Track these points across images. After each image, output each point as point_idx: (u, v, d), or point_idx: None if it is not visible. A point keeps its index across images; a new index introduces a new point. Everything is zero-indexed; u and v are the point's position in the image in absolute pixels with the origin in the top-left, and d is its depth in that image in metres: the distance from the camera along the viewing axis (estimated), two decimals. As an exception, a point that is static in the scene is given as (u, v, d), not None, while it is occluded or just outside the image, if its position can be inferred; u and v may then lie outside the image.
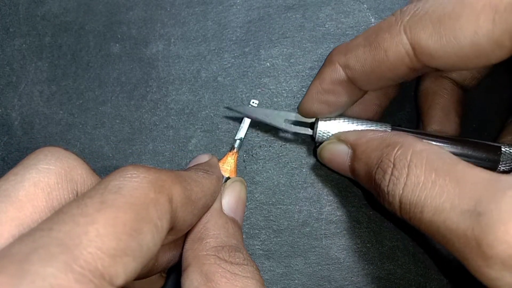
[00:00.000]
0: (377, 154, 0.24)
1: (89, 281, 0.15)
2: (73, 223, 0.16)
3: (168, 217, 0.19)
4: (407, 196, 0.22)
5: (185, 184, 0.21)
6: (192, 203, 0.22)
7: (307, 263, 0.31)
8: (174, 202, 0.20)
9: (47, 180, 0.19)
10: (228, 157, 0.30)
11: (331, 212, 0.31)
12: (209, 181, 0.24)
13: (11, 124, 0.33)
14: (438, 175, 0.21)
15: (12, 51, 0.33)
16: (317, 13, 0.33)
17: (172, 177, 0.20)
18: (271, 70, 0.33)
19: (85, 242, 0.16)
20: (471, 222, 0.19)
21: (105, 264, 0.16)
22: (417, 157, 0.22)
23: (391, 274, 0.31)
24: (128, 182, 0.18)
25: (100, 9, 0.34)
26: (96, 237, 0.16)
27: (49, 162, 0.20)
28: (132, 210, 0.17)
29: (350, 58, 0.25)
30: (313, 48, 0.33)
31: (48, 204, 0.19)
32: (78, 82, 0.33)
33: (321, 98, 0.27)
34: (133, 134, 0.32)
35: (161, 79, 0.33)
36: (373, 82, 0.25)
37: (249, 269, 0.22)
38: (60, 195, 0.19)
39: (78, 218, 0.16)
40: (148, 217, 0.18)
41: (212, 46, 0.33)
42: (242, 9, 0.33)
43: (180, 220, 0.21)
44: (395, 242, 0.31)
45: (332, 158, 0.28)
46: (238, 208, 0.27)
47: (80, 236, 0.16)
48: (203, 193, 0.23)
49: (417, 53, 0.23)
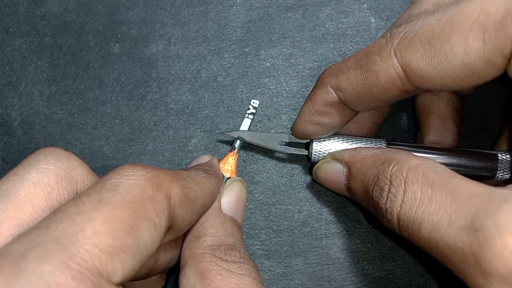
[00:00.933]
0: (373, 171, 0.24)
1: (86, 279, 0.15)
2: (70, 221, 0.16)
3: (166, 214, 0.19)
4: (405, 213, 0.22)
5: (183, 183, 0.21)
6: (191, 201, 0.22)
7: (307, 263, 0.31)
8: (172, 200, 0.20)
9: (47, 180, 0.19)
10: (228, 157, 0.30)
11: (331, 212, 0.31)
12: (208, 180, 0.24)
13: (11, 124, 0.33)
14: (435, 190, 0.21)
15: (12, 51, 0.33)
16: (317, 13, 0.33)
17: (170, 175, 0.20)
18: (271, 70, 0.33)
19: (82, 240, 0.16)
20: (469, 238, 0.19)
21: (102, 261, 0.16)
22: (412, 173, 0.22)
23: (391, 274, 0.31)
24: (126, 180, 0.18)
25: (100, 9, 0.34)
26: (93, 234, 0.16)
27: (49, 162, 0.20)
28: (129, 207, 0.17)
29: (341, 80, 0.25)
30: (313, 48, 0.33)
31: (48, 203, 0.19)
32: (78, 82, 0.33)
33: (314, 119, 0.27)
34: (133, 134, 0.32)
35: (161, 79, 0.33)
36: (365, 103, 0.25)
37: (246, 267, 0.22)
38: (60, 194, 0.19)
39: (75, 216, 0.16)
40: (145, 214, 0.18)
41: (212, 46, 0.33)
42: (242, 9, 0.33)
43: (179, 218, 0.21)
44: (395, 242, 0.31)
45: (328, 178, 0.28)
46: (238, 208, 0.27)
47: (77, 234, 0.16)
48: (202, 192, 0.23)
49: (409, 76, 0.22)
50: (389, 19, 0.33)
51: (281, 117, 0.32)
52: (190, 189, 0.22)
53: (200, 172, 0.24)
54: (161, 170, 0.20)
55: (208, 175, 0.25)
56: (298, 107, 0.32)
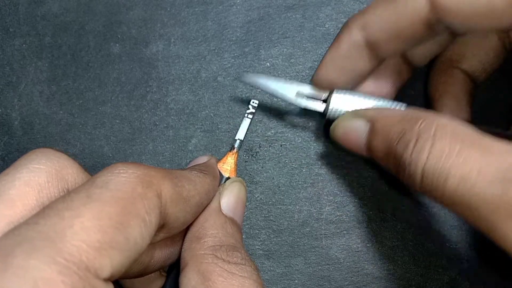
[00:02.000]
0: (398, 128, 0.23)
1: (73, 273, 0.15)
2: (58, 217, 0.16)
3: (157, 212, 0.19)
4: (431, 166, 0.21)
5: (175, 181, 0.21)
6: (184, 200, 0.22)
7: (307, 263, 0.31)
8: (163, 198, 0.20)
9: (37, 179, 0.19)
10: (228, 157, 0.30)
11: (331, 212, 0.31)
12: (203, 179, 0.24)
13: (11, 124, 0.33)
14: (464, 146, 0.20)
15: (12, 51, 0.33)
16: (317, 13, 0.33)
17: (162, 173, 0.20)
18: (271, 70, 0.33)
19: (69, 235, 0.16)
20: (502, 188, 0.19)
21: (89, 256, 0.16)
22: (441, 130, 0.22)
23: (391, 274, 0.31)
24: (116, 177, 0.18)
25: (100, 9, 0.34)
26: (80, 230, 0.16)
27: (39, 162, 0.20)
28: (118, 204, 0.17)
29: (368, 17, 0.25)
30: (313, 48, 0.33)
31: (39, 202, 0.19)
32: (78, 82, 0.33)
33: (337, 64, 0.27)
34: (133, 134, 0.32)
35: (161, 79, 0.33)
36: (391, 43, 0.25)
37: (247, 269, 0.22)
38: (50, 193, 0.20)
39: (63, 212, 0.16)
40: (135, 211, 0.18)
41: (212, 46, 0.33)
42: (242, 9, 0.33)
43: (172, 216, 0.21)
44: (395, 242, 0.31)
45: (347, 135, 0.27)
46: (237, 208, 0.27)
47: (65, 229, 0.16)
48: (196, 190, 0.23)
49: (434, 5, 0.23)
50: (389, 19, 0.33)
51: (281, 117, 0.32)
52: (183, 188, 0.22)
53: (195, 172, 0.24)
54: (153, 168, 0.20)
55: (203, 175, 0.25)
56: (298, 107, 0.32)
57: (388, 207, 0.31)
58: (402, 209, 0.31)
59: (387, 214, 0.31)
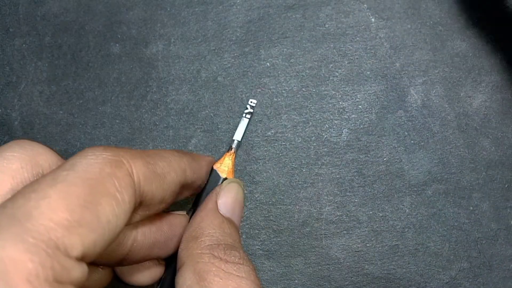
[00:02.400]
0: None
1: (41, 251, 0.15)
2: (24, 199, 0.16)
3: (130, 190, 0.19)
4: None
5: (148, 159, 0.21)
6: (159, 177, 0.21)
7: (307, 263, 0.31)
8: (136, 176, 0.20)
9: (11, 165, 0.20)
10: (225, 158, 0.30)
11: (331, 212, 0.31)
12: (179, 158, 0.24)
13: (11, 124, 0.33)
14: None
15: (12, 51, 0.33)
16: (317, 13, 0.33)
17: (132, 153, 0.20)
18: (271, 70, 0.33)
19: (36, 215, 0.16)
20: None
21: (58, 234, 0.16)
22: None
23: (391, 274, 0.31)
24: (84, 159, 0.19)
25: (100, 9, 0.34)
26: (47, 209, 0.16)
27: (13, 150, 0.20)
28: (85, 184, 0.17)
29: None
30: (313, 48, 0.33)
31: (13, 187, 0.19)
32: (78, 82, 0.33)
33: None
34: (133, 134, 0.32)
35: (161, 79, 0.33)
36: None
37: (245, 269, 0.22)
38: (24, 178, 0.20)
39: (29, 194, 0.17)
40: (105, 190, 0.18)
41: (212, 46, 0.33)
42: (242, 9, 0.33)
43: (148, 194, 0.21)
44: (395, 242, 0.31)
45: None
46: (234, 209, 0.26)
47: (31, 210, 0.16)
48: (171, 167, 0.23)
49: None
50: (389, 19, 0.33)
51: (281, 117, 0.32)
52: (156, 165, 0.21)
53: (170, 151, 0.24)
54: (123, 149, 0.20)
55: (179, 153, 0.24)
56: (298, 107, 0.32)
57: (388, 206, 0.31)
58: (402, 209, 0.31)
59: (387, 214, 0.31)
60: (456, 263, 0.31)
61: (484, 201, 0.31)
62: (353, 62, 0.33)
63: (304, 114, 0.32)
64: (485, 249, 0.31)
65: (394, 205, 0.31)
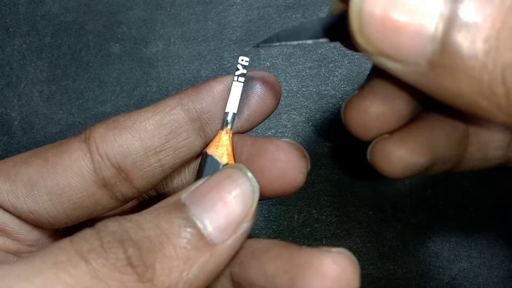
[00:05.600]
0: None
1: None
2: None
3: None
4: None
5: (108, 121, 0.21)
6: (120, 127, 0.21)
7: (307, 263, 0.31)
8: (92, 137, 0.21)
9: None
10: (221, 138, 0.21)
11: (331, 213, 0.31)
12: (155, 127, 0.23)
13: (11, 124, 0.33)
14: None
15: (12, 51, 0.33)
16: (317, 13, 0.33)
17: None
18: (271, 70, 0.33)
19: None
20: None
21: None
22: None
23: (391, 274, 0.31)
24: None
25: (100, 9, 0.34)
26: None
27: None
28: None
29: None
30: (313, 48, 0.33)
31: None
32: (78, 82, 0.33)
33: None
34: (133, 134, 0.32)
35: (161, 79, 0.33)
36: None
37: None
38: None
39: None
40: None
41: (212, 46, 0.33)
42: (242, 9, 0.33)
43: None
44: (395, 242, 0.31)
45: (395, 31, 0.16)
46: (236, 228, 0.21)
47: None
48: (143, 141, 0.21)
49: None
50: (389, 19, 0.33)
51: (281, 116, 0.32)
52: (117, 122, 0.21)
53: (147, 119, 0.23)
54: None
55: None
56: (298, 107, 0.32)
57: (388, 207, 0.31)
58: (402, 209, 0.31)
59: (387, 214, 0.31)
60: (456, 263, 0.31)
61: (484, 201, 0.31)
62: (353, 62, 0.33)
63: (304, 114, 0.32)
64: (485, 249, 0.31)
65: (394, 205, 0.31)
